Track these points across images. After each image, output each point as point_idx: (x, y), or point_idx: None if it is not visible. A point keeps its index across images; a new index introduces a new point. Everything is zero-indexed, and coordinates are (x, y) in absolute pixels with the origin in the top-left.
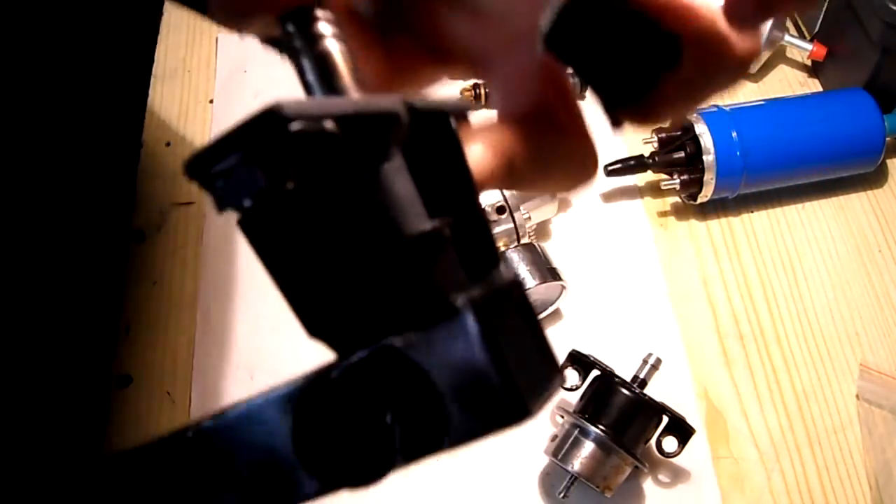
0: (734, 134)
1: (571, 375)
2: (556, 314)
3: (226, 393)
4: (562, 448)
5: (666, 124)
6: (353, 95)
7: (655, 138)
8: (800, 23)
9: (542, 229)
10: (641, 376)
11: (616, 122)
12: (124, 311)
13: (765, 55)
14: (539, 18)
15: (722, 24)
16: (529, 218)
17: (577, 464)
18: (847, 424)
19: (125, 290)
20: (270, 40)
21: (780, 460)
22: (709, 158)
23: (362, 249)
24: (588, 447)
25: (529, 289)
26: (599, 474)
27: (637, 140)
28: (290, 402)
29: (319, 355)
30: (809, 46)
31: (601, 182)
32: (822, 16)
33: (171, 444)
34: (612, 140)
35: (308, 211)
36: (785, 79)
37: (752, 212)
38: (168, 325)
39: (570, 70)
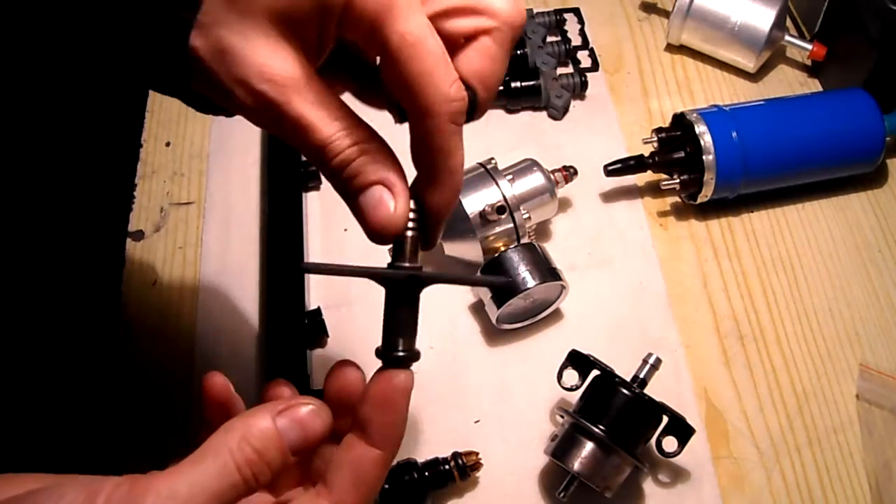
0: (734, 134)
1: (571, 375)
2: (556, 314)
3: None
4: (562, 448)
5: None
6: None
7: (655, 138)
8: (800, 23)
9: (542, 229)
10: (641, 376)
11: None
12: (124, 311)
13: (765, 55)
14: None
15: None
16: (529, 218)
17: (577, 464)
18: (847, 424)
19: (125, 290)
20: None
21: (780, 460)
22: (709, 158)
23: None
24: (588, 447)
25: (529, 289)
26: (599, 474)
27: (637, 140)
28: None
29: (318, 356)
30: (809, 46)
31: (601, 182)
32: (822, 16)
33: None
34: (612, 139)
35: None
36: (785, 79)
37: (752, 212)
38: (168, 325)
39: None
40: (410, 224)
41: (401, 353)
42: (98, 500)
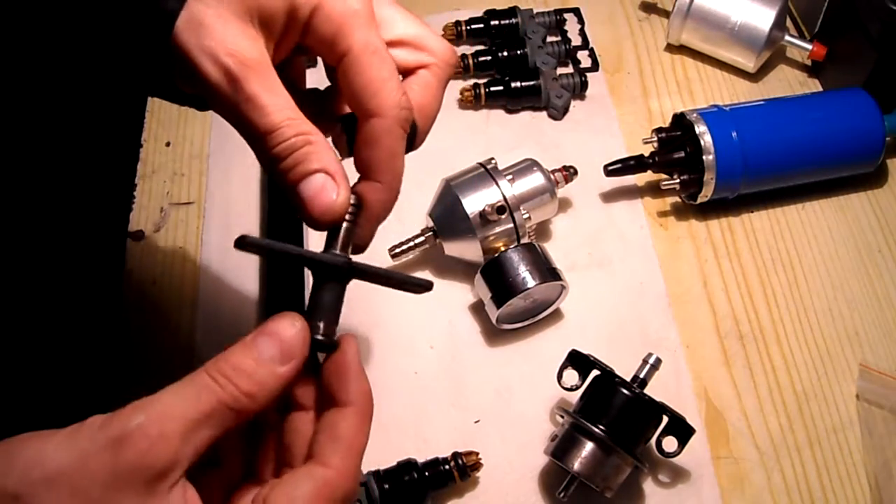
0: (734, 134)
1: (571, 375)
2: (556, 314)
3: None
4: (562, 448)
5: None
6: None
7: (655, 138)
8: (800, 23)
9: (542, 229)
10: (641, 376)
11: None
12: (124, 310)
13: (765, 55)
14: None
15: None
16: (529, 218)
17: (577, 464)
18: (847, 424)
19: (125, 290)
20: None
21: (780, 460)
22: (709, 158)
23: None
24: (588, 447)
25: (529, 289)
26: (599, 474)
27: (637, 140)
28: None
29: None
30: (809, 46)
31: (601, 182)
32: (822, 16)
33: None
34: (612, 139)
35: None
36: (785, 79)
37: (752, 212)
38: (168, 325)
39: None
40: (348, 216)
41: (320, 338)
42: (84, 426)
